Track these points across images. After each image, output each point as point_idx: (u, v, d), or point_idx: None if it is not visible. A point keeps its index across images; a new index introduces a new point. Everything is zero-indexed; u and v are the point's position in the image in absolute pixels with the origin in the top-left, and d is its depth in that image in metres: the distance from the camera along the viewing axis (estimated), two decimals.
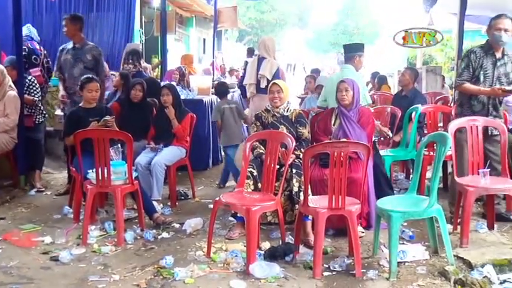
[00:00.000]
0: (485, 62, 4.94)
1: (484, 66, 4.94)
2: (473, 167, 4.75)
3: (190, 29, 20.23)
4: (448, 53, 20.06)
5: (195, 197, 6.17)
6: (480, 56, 4.94)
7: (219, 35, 21.25)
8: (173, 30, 13.96)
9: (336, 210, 3.94)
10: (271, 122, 5.11)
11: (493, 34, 4.89)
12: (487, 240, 4.56)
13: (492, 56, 4.95)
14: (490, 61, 4.95)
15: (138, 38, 12.46)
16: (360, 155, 4.70)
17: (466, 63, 4.98)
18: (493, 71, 4.94)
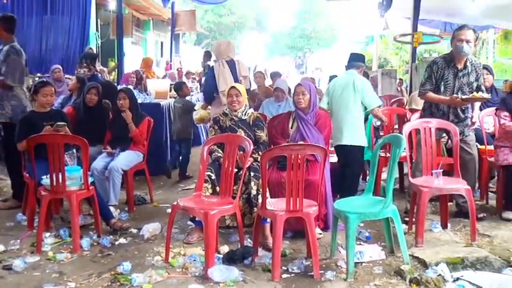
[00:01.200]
0: (447, 73, 5.08)
1: (445, 77, 5.09)
2: (427, 168, 4.87)
3: (148, 32, 20.06)
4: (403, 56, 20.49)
5: (153, 201, 6.11)
6: (442, 66, 5.08)
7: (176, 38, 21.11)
8: (130, 34, 13.84)
9: (293, 213, 3.97)
10: (229, 126, 5.11)
11: (455, 45, 5.02)
12: (441, 239, 4.67)
13: (454, 67, 5.09)
14: (452, 72, 5.09)
15: (94, 41, 12.28)
16: (317, 157, 4.76)
17: (429, 73, 5.13)
18: (454, 81, 5.09)
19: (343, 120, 5.43)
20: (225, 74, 6.59)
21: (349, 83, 5.51)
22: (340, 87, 5.53)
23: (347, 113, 5.44)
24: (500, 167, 5.32)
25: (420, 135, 4.92)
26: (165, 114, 7.66)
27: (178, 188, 6.85)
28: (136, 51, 18.58)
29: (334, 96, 5.54)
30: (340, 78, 5.73)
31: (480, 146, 5.83)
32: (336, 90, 5.55)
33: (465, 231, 4.87)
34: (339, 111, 5.47)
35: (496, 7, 11.09)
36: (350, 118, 5.43)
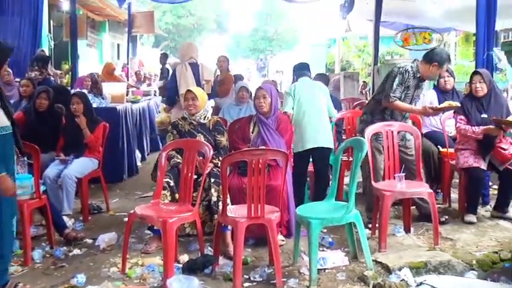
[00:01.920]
0: (411, 83, 5.22)
1: (410, 87, 5.22)
2: (389, 171, 4.94)
3: (103, 34, 19.81)
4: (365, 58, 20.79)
5: (109, 210, 6.03)
6: (410, 76, 5.21)
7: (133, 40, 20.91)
8: (84, 35, 13.63)
9: (255, 219, 3.97)
10: (188, 130, 5.08)
11: (433, 73, 5.22)
12: (404, 244, 4.75)
13: (418, 79, 5.25)
14: (414, 83, 5.24)
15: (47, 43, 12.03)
16: (278, 162, 4.77)
17: (400, 80, 5.19)
18: (413, 92, 5.26)
19: (319, 123, 5.51)
20: (187, 77, 6.58)
21: (317, 87, 5.67)
22: (309, 91, 5.60)
23: (322, 115, 5.56)
24: (461, 169, 5.44)
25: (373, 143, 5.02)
26: (121, 119, 7.57)
27: (136, 195, 6.77)
28: (91, 54, 18.32)
29: (303, 100, 5.58)
30: (304, 81, 5.76)
31: (442, 149, 5.95)
32: (304, 94, 5.59)
33: (428, 235, 4.96)
34: (311, 114, 5.51)
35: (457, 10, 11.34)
36: (325, 121, 5.57)
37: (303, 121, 5.50)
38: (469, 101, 5.44)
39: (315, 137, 5.46)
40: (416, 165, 5.01)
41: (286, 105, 5.61)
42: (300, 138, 5.51)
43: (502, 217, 5.39)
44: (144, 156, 9.08)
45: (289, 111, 5.60)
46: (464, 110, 5.38)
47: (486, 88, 5.33)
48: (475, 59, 6.40)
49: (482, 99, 5.37)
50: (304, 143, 5.47)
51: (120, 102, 7.91)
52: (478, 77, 5.36)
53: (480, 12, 6.06)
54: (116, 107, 7.57)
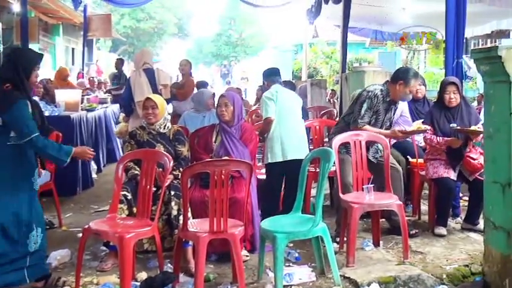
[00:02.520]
0: (381, 107, 5.32)
1: (379, 111, 5.32)
2: (357, 183, 4.99)
3: (57, 38, 19.56)
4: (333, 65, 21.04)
5: (61, 225, 5.93)
6: (380, 101, 5.30)
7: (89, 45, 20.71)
8: (36, 39, 13.43)
9: (217, 234, 3.95)
10: (146, 140, 5.04)
11: (404, 92, 5.28)
12: (373, 258, 4.79)
13: (388, 102, 5.36)
14: (384, 107, 5.34)
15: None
16: (242, 173, 4.77)
17: (369, 105, 5.28)
18: (384, 116, 5.36)
19: (297, 133, 5.63)
20: (142, 83, 6.56)
21: (293, 95, 5.91)
22: (288, 98, 5.71)
23: (300, 125, 5.64)
24: (431, 180, 5.54)
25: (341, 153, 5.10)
26: (76, 128, 7.47)
27: (91, 209, 6.68)
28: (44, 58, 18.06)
29: (283, 107, 5.64)
30: (281, 88, 5.87)
31: (411, 159, 6.05)
32: (284, 101, 5.66)
33: (397, 248, 5.02)
34: (290, 123, 5.61)
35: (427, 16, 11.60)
36: (303, 131, 5.71)
37: (281, 130, 5.54)
38: (438, 110, 5.55)
39: (294, 148, 5.54)
40: (385, 176, 5.07)
41: (269, 110, 5.64)
42: (278, 148, 5.55)
43: (472, 229, 5.49)
44: (100, 168, 8.97)
45: (272, 116, 5.63)
46: (432, 119, 5.49)
47: (460, 98, 5.47)
48: (444, 66, 6.54)
49: (452, 109, 5.49)
50: (282, 153, 5.53)
51: (74, 111, 7.81)
52: (452, 87, 5.47)
53: (449, 18, 6.21)
54: (70, 116, 7.47)
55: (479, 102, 12.37)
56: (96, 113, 8.93)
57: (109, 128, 9.72)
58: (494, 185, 3.78)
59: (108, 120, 9.74)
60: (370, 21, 13.77)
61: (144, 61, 6.77)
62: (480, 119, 5.66)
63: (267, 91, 5.86)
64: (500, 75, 3.65)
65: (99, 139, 9.03)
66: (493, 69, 3.73)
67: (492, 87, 3.85)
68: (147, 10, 35.06)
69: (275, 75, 6.05)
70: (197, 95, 6.93)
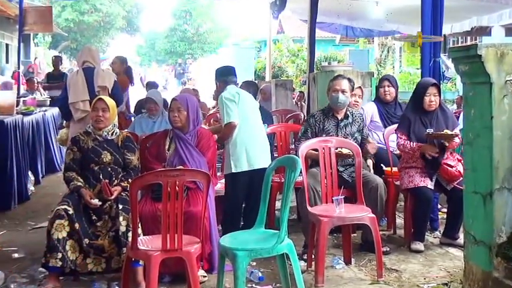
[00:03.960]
0: (327, 124, 5.54)
1: (325, 128, 5.52)
2: (327, 194, 5.03)
3: None
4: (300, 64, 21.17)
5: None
6: (320, 119, 5.55)
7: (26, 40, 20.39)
8: None
9: (171, 252, 3.94)
10: (91, 148, 4.98)
11: (331, 96, 5.54)
12: (344, 277, 4.84)
13: (333, 117, 5.57)
14: (332, 123, 5.55)
15: None
16: (199, 185, 4.76)
17: (305, 127, 5.63)
18: (337, 132, 5.51)
19: (259, 139, 5.67)
20: (77, 83, 6.51)
21: (251, 97, 5.91)
22: (249, 99, 5.79)
23: (262, 131, 5.70)
24: (407, 190, 5.62)
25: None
26: (10, 134, 7.34)
27: (28, 226, 6.58)
28: None
29: (244, 111, 5.66)
30: (240, 90, 5.93)
31: (385, 167, 6.13)
32: (246, 102, 5.70)
33: (371, 266, 5.08)
34: (252, 128, 5.64)
35: (401, 11, 11.78)
36: (265, 137, 5.76)
37: (244, 136, 5.56)
38: (413, 114, 5.65)
39: (256, 156, 5.55)
40: (357, 187, 5.12)
41: (231, 114, 5.58)
42: (243, 156, 5.55)
43: (452, 244, 5.59)
44: (38, 179, 8.84)
45: (236, 121, 5.62)
46: (408, 124, 5.59)
47: (439, 102, 5.58)
48: (421, 66, 6.65)
49: (430, 113, 5.59)
50: (248, 162, 5.55)
51: (8, 114, 7.68)
52: (434, 89, 5.57)
53: (426, 14, 6.32)
54: (4, 120, 7.34)
55: (459, 105, 12.61)
56: (33, 117, 8.80)
57: (48, 134, 9.60)
58: (475, 195, 3.86)
59: (48, 125, 9.61)
60: (340, 16, 13.90)
61: (83, 60, 6.71)
62: (458, 123, 5.78)
63: (226, 92, 5.84)
64: (481, 76, 3.73)
65: (37, 147, 8.91)
66: (473, 69, 3.81)
67: (472, 89, 3.93)
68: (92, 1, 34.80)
69: (229, 75, 6.01)
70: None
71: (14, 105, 8.02)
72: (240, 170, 5.56)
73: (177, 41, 43.85)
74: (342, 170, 5.41)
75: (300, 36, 23.63)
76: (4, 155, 7.06)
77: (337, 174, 5.20)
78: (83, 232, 4.54)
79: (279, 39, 24.34)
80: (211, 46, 44.14)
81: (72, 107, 6.51)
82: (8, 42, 21.52)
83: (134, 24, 41.33)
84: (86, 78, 6.53)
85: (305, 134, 5.55)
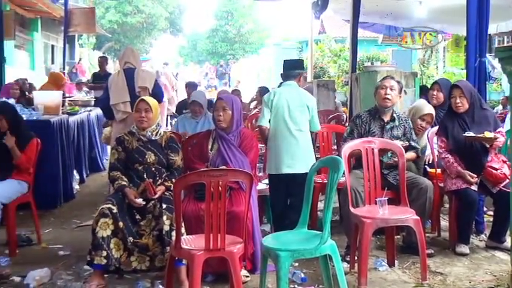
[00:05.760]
0: (373, 126, 5.48)
1: (371, 130, 5.46)
2: (370, 195, 5.00)
3: (35, 34, 19.61)
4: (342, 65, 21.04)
5: (40, 242, 5.93)
6: (367, 120, 5.50)
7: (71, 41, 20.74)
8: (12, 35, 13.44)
9: (214, 252, 3.96)
10: (135, 148, 5.04)
11: (378, 93, 5.48)
12: (387, 279, 4.80)
13: (379, 119, 5.50)
14: (378, 125, 5.49)
15: None
16: (241, 185, 4.78)
17: (351, 128, 5.58)
18: (381, 134, 5.44)
19: (298, 143, 5.61)
20: (118, 84, 6.58)
21: (297, 98, 5.70)
22: (289, 103, 5.66)
23: (301, 134, 5.63)
24: (450, 193, 5.55)
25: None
26: (56, 134, 7.48)
27: (73, 224, 6.69)
28: (20, 57, 18.09)
29: (280, 113, 5.64)
30: (284, 91, 5.82)
31: (429, 169, 6.05)
32: (283, 106, 5.65)
33: (415, 268, 5.03)
34: (289, 131, 5.60)
35: (445, 10, 11.62)
36: (306, 140, 5.66)
37: (277, 139, 5.58)
38: (450, 118, 5.61)
39: (290, 160, 5.55)
40: (401, 188, 5.07)
41: (262, 117, 5.68)
42: (274, 159, 5.58)
43: (498, 247, 5.50)
44: (82, 179, 8.99)
45: (264, 125, 5.65)
46: (446, 129, 5.54)
47: (467, 103, 5.49)
48: (465, 66, 6.55)
49: (464, 115, 5.53)
50: (278, 165, 5.56)
51: (54, 114, 7.82)
52: (458, 91, 5.53)
53: (471, 12, 6.21)
54: (50, 120, 7.48)
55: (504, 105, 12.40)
56: (78, 116, 8.96)
57: (92, 133, 9.75)
58: None
59: (92, 126, 9.76)
60: (382, 16, 13.79)
61: (125, 60, 6.78)
62: (500, 124, 5.69)
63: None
64: None
65: (82, 146, 9.05)
66: None
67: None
68: (135, 3, 35.18)
69: (287, 70, 5.95)
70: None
71: (60, 105, 8.16)
72: (270, 172, 5.69)
73: (219, 41, 44.05)
74: (386, 173, 5.36)
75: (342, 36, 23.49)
76: (51, 155, 7.18)
77: (381, 177, 5.16)
78: (127, 231, 4.60)
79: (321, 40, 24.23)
80: (253, 47, 44.23)
81: (113, 108, 6.60)
82: (54, 43, 21.92)
83: (176, 25, 41.62)
84: (126, 79, 6.61)
85: (351, 135, 5.51)
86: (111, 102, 6.58)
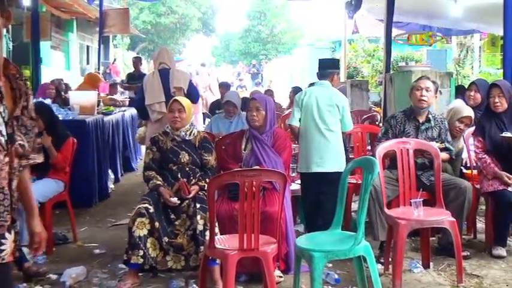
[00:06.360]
0: (408, 127, 5.45)
1: (406, 130, 5.43)
2: (404, 196, 4.96)
3: (70, 34, 19.89)
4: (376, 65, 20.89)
5: (76, 240, 6.01)
6: (401, 121, 5.47)
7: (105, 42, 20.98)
8: (48, 36, 13.63)
9: (248, 252, 3.97)
10: (170, 148, 5.08)
11: (414, 94, 5.43)
12: (422, 281, 4.76)
13: (414, 120, 5.46)
14: (413, 125, 5.46)
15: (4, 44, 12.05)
16: (275, 185, 4.78)
17: (386, 128, 5.55)
18: (416, 135, 5.41)
19: (327, 142, 5.58)
20: (154, 85, 6.62)
21: (327, 97, 5.67)
22: (318, 102, 5.64)
23: (331, 133, 5.61)
24: (487, 194, 5.48)
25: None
26: (91, 134, 7.57)
27: (108, 223, 6.76)
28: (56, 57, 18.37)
29: (309, 113, 5.63)
30: (315, 90, 5.81)
31: (465, 170, 5.98)
32: (312, 105, 5.63)
33: (450, 271, 4.97)
34: (318, 130, 5.58)
35: (481, 9, 11.47)
36: (335, 140, 5.62)
37: (307, 138, 5.58)
38: (488, 118, 5.53)
39: (319, 159, 5.52)
40: (436, 189, 5.02)
41: (293, 117, 5.70)
42: (304, 158, 5.59)
43: None
44: (117, 178, 9.08)
45: (294, 124, 5.66)
46: (483, 129, 5.47)
47: (506, 103, 5.42)
48: (502, 66, 6.46)
49: (502, 115, 5.46)
50: (307, 164, 5.56)
51: (90, 114, 7.91)
52: (496, 90, 5.46)
53: (508, 11, 6.12)
54: (85, 120, 7.56)
55: None
56: (113, 116, 9.04)
57: (126, 133, 9.84)
58: None
59: (126, 125, 9.85)
60: (417, 15, 13.67)
61: (159, 61, 6.83)
62: None
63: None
64: None
65: (117, 146, 9.14)
66: None
67: None
68: (168, 4, 35.37)
69: (321, 69, 5.96)
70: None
71: (95, 105, 8.24)
72: (301, 171, 5.70)
73: (252, 41, 44.07)
74: (419, 174, 5.31)
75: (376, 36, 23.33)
76: (86, 154, 7.26)
77: (416, 177, 5.12)
78: (162, 230, 4.64)
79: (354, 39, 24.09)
80: (286, 47, 44.16)
81: (148, 108, 6.66)
82: (89, 44, 22.21)
83: (209, 25, 41.76)
84: (161, 80, 6.65)
85: (385, 135, 5.48)
86: (146, 102, 6.64)
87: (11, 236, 2.48)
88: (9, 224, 2.47)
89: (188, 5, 37.65)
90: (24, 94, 2.56)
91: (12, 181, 2.51)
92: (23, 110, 2.55)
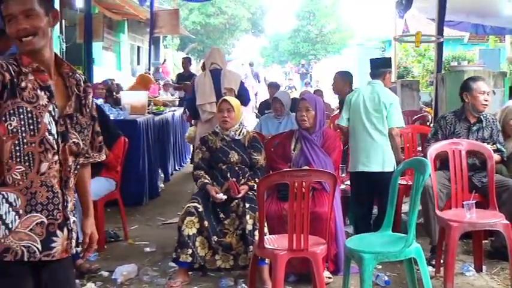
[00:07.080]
0: (458, 128, 5.36)
1: (456, 131, 5.34)
2: (457, 198, 4.87)
3: (122, 35, 20.17)
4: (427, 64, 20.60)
5: (127, 238, 6.09)
6: (452, 121, 5.39)
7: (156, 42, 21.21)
8: (100, 37, 13.84)
9: (297, 252, 3.96)
10: (219, 148, 5.11)
11: (476, 97, 5.27)
12: (474, 285, 4.69)
13: (465, 120, 5.37)
14: (464, 126, 5.36)
15: (58, 45, 12.32)
16: (325, 185, 4.76)
17: (436, 129, 5.49)
18: (468, 136, 5.31)
19: (373, 141, 5.55)
20: (205, 85, 6.66)
21: (375, 97, 5.62)
22: (364, 101, 5.61)
23: (378, 133, 5.58)
24: None
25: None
26: (142, 133, 7.66)
27: (158, 221, 6.84)
28: (108, 58, 18.65)
29: (357, 112, 5.61)
30: (364, 89, 5.79)
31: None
32: (359, 105, 5.61)
33: (504, 275, 4.88)
34: (365, 129, 5.56)
35: None
36: (382, 140, 5.58)
37: (355, 137, 5.60)
38: None
39: (365, 158, 5.50)
40: (489, 191, 4.92)
41: (341, 118, 5.72)
42: (352, 157, 5.63)
43: None
44: (167, 177, 9.18)
45: (342, 123, 5.65)
46: None
47: None
48: None
49: None
50: (355, 163, 5.58)
51: (140, 114, 8.00)
52: None
53: None
54: (136, 120, 7.67)
55: None
56: (163, 116, 9.15)
57: (176, 133, 9.94)
58: None
59: (176, 125, 9.95)
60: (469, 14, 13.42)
61: (211, 61, 6.86)
62: None
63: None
64: None
65: (166, 145, 9.24)
66: None
67: None
68: (218, 4, 35.56)
69: (373, 69, 5.93)
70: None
71: (146, 105, 8.34)
72: (350, 170, 5.74)
73: (301, 42, 43.98)
74: (471, 175, 5.21)
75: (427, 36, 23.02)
76: (137, 153, 7.36)
77: (468, 178, 5.03)
78: (211, 230, 4.67)
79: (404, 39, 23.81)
80: (335, 47, 43.93)
81: (199, 108, 6.71)
82: (140, 44, 22.48)
83: (258, 25, 41.87)
84: (213, 80, 6.69)
85: (435, 136, 5.41)
86: (197, 102, 6.70)
87: (62, 234, 2.51)
88: (60, 222, 2.51)
89: (237, 5, 37.81)
90: (80, 92, 2.59)
91: (68, 180, 2.54)
92: (80, 108, 2.59)
